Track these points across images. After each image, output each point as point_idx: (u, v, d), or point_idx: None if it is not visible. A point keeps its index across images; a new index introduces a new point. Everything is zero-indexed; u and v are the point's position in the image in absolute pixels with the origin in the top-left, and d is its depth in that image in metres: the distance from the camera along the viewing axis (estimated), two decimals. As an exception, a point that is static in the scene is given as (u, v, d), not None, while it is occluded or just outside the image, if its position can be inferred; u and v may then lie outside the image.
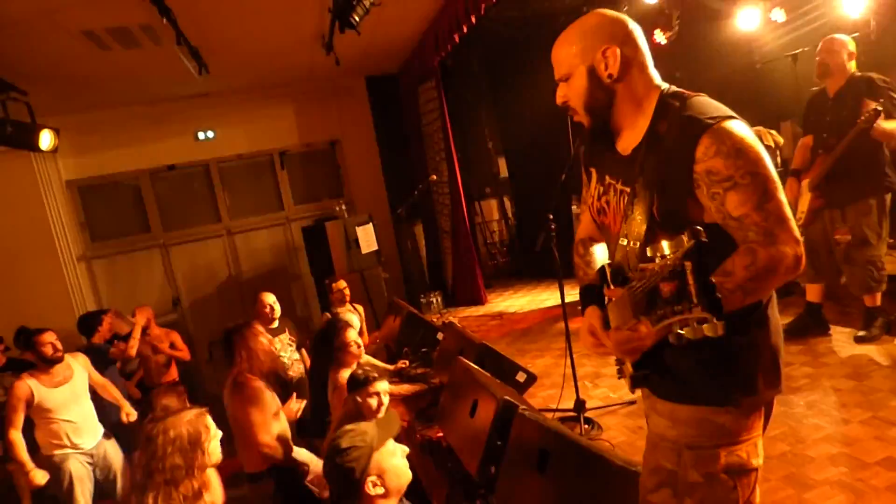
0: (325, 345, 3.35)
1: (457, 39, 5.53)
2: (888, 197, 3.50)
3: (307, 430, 4.22)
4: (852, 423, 2.85)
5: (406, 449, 1.85)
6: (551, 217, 3.08)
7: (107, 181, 7.41)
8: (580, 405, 3.32)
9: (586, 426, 3.27)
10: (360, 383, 2.68)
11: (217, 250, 7.87)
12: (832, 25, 5.31)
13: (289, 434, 3.02)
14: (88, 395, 3.65)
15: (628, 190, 1.38)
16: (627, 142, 1.40)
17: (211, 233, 7.85)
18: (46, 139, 5.44)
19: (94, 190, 7.41)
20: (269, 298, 4.13)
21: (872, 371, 3.32)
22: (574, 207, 6.74)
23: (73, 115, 6.73)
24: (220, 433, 1.97)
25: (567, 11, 6.25)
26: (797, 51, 4.75)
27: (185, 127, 7.53)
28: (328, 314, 4.76)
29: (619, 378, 1.47)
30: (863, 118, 3.25)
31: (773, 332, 1.34)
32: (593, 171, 1.56)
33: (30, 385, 3.42)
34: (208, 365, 6.99)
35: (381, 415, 2.63)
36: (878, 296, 3.63)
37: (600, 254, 1.62)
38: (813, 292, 3.88)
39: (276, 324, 4.12)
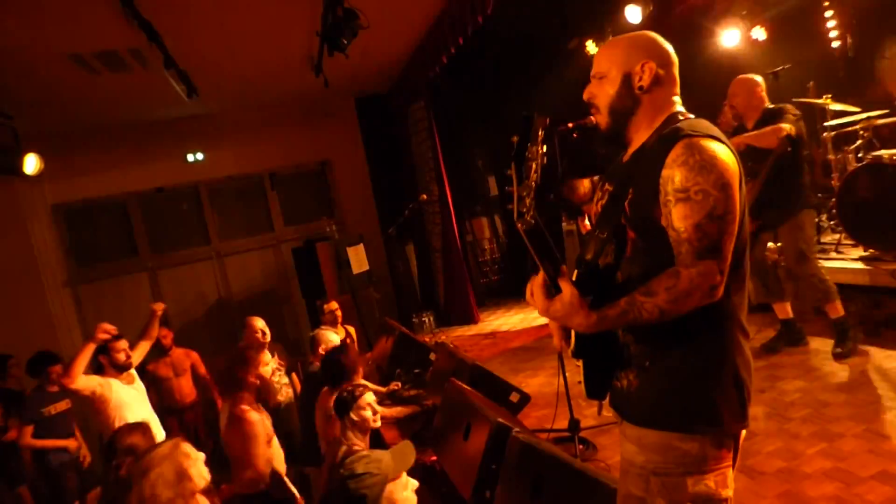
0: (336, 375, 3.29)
1: (445, 61, 5.58)
2: (813, 213, 3.75)
3: (297, 457, 4.15)
4: (846, 436, 2.85)
5: (416, 483, 1.83)
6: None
7: (94, 205, 7.36)
8: (575, 425, 3.29)
9: (581, 447, 3.25)
10: (348, 402, 2.65)
11: (206, 273, 7.80)
12: (810, 43, 5.45)
13: (280, 461, 2.96)
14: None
15: (611, 188, 1.45)
16: (631, 151, 1.47)
17: (200, 255, 7.78)
18: (31, 163, 5.40)
19: (81, 214, 7.34)
20: (259, 323, 4.08)
21: (863, 383, 3.34)
22: (564, 225, 6.77)
23: (60, 138, 6.69)
24: (201, 455, 1.95)
25: (554, 34, 6.35)
26: (778, 68, 4.84)
27: (174, 149, 7.50)
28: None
29: (578, 383, 1.50)
30: (777, 144, 3.49)
31: (741, 365, 1.34)
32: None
33: (107, 379, 3.47)
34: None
35: (377, 424, 2.62)
36: (839, 305, 3.72)
37: None
38: (781, 310, 3.97)
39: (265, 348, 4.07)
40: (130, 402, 3.52)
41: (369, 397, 2.68)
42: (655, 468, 1.33)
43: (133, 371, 3.72)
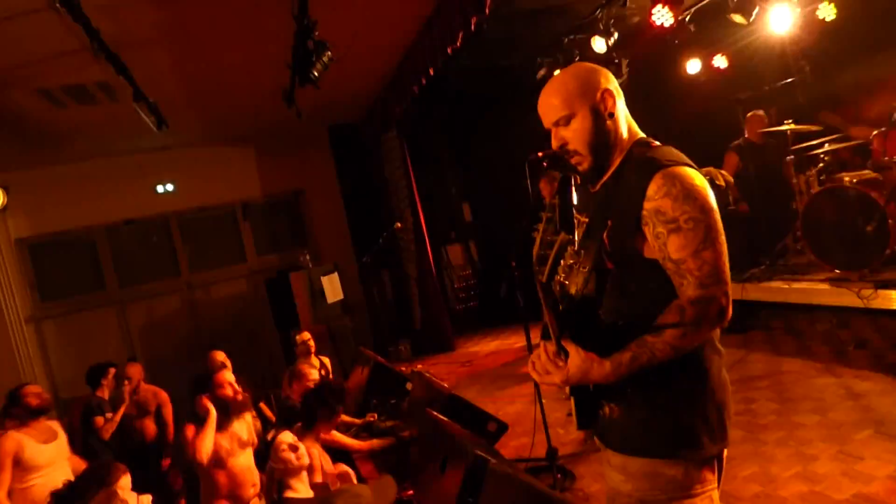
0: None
1: (416, 91, 5.64)
2: None
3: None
4: (820, 458, 2.87)
5: None
6: (513, 265, 3.09)
7: (60, 238, 7.17)
8: (552, 454, 3.25)
9: (559, 475, 3.20)
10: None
11: (177, 306, 7.63)
12: (769, 68, 5.65)
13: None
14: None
15: (586, 220, 1.44)
16: (601, 180, 1.45)
17: (170, 288, 7.62)
18: (-6, 197, 5.25)
19: (46, 248, 7.14)
20: (220, 356, 4.02)
21: (835, 404, 3.38)
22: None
23: (25, 171, 6.56)
24: (145, 498, 1.90)
25: (522, 63, 6.47)
26: (740, 96, 5.01)
27: (143, 180, 7.40)
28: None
29: (568, 415, 1.48)
30: None
31: (717, 387, 1.35)
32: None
33: (17, 438, 3.02)
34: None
35: (305, 461, 2.55)
36: None
37: None
38: None
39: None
40: (45, 463, 3.09)
41: (286, 437, 2.59)
42: (643, 496, 1.33)
43: (55, 426, 3.30)
